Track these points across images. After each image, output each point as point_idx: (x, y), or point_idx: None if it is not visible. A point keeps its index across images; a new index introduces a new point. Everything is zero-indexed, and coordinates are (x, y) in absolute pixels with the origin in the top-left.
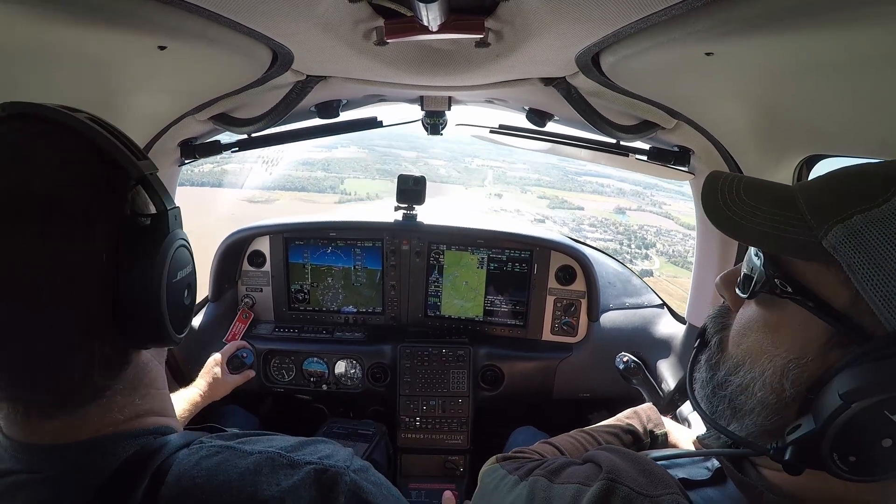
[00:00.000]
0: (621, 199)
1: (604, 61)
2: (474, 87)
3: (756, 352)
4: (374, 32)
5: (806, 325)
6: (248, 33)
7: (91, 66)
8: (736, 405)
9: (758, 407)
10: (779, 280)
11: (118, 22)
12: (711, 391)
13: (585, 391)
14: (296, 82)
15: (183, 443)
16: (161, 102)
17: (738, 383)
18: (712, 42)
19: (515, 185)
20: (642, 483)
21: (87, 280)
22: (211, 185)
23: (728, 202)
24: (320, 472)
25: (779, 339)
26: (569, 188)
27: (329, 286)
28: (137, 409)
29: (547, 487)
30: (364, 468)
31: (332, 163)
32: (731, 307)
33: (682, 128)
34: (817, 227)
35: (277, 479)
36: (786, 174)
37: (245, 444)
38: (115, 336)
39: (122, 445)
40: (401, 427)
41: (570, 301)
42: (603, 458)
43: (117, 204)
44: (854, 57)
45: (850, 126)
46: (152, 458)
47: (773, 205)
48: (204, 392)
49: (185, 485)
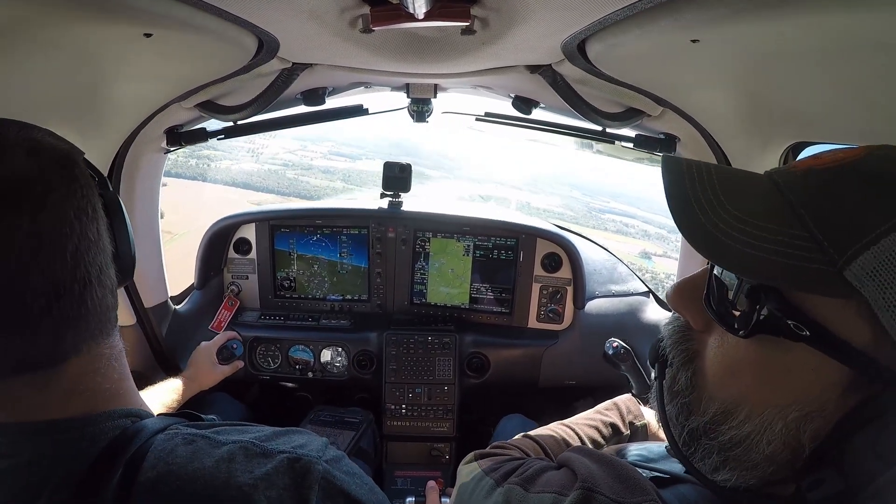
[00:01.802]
0: (646, 241)
1: (590, 49)
2: (460, 75)
3: (755, 400)
4: (360, 20)
5: (821, 370)
6: (233, 21)
7: (76, 54)
8: (731, 457)
9: (764, 462)
10: (792, 322)
11: (103, 9)
12: (689, 436)
13: (571, 379)
14: (282, 70)
15: (159, 427)
16: (147, 90)
17: (734, 435)
18: (698, 29)
19: (539, 216)
20: (618, 490)
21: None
22: (224, 183)
23: (707, 210)
24: (293, 461)
25: (786, 385)
26: (592, 225)
27: (315, 273)
28: (115, 381)
29: (522, 497)
30: (337, 458)
31: (353, 174)
32: (696, 327)
33: (668, 115)
34: (837, 253)
35: (251, 468)
36: (772, 161)
37: (219, 433)
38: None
39: (101, 427)
40: (386, 415)
41: (556, 288)
42: (578, 464)
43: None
44: (839, 43)
45: (835, 113)
46: (130, 443)
47: (771, 219)
48: (192, 381)
49: (160, 471)
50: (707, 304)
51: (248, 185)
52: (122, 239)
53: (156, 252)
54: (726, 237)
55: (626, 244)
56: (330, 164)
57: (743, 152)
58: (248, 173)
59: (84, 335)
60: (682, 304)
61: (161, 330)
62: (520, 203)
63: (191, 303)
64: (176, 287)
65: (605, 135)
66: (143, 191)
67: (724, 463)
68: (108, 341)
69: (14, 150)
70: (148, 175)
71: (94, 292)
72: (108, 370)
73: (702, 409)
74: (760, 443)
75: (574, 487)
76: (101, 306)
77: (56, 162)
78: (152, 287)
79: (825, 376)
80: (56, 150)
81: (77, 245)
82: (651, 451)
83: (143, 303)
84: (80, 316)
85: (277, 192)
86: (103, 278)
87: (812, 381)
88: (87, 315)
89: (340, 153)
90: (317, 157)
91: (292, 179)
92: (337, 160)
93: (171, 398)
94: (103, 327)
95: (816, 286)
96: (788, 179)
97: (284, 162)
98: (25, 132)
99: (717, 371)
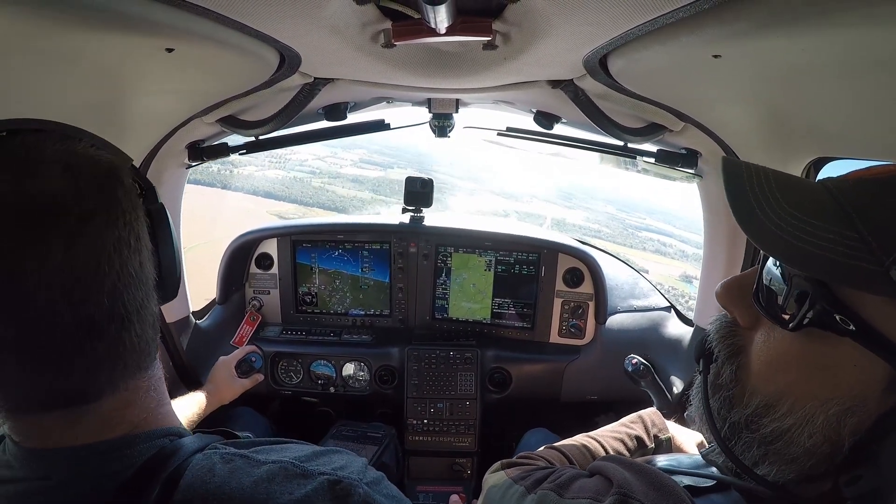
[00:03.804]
0: (685, 263)
1: (611, 64)
2: (482, 90)
3: (798, 393)
4: (382, 35)
5: (864, 366)
6: (255, 35)
7: (99, 69)
8: (771, 451)
9: (803, 456)
10: (839, 316)
11: (126, 24)
12: (730, 429)
13: (593, 394)
14: (303, 84)
15: (197, 447)
16: (168, 104)
17: (775, 428)
18: (720, 44)
19: (574, 233)
20: (653, 497)
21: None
22: (245, 191)
23: (763, 204)
24: (333, 483)
25: (831, 380)
26: (630, 244)
27: (336, 289)
28: (152, 409)
29: (557, 502)
30: (377, 480)
31: (384, 184)
32: (742, 324)
33: (690, 130)
34: (885, 254)
35: (290, 489)
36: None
37: (259, 453)
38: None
39: (139, 448)
40: (408, 429)
41: (578, 303)
42: (612, 471)
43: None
44: (861, 58)
45: (858, 128)
46: (168, 462)
47: (824, 218)
48: (213, 395)
49: (197, 490)
50: (756, 300)
51: (269, 195)
52: (168, 259)
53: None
54: (779, 229)
55: (665, 266)
56: (360, 173)
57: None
58: (271, 181)
59: (121, 373)
60: (731, 301)
61: (183, 345)
62: (555, 220)
63: (212, 318)
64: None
65: (626, 150)
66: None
67: (764, 456)
68: (147, 374)
69: (50, 167)
70: (170, 190)
71: (133, 329)
72: (146, 400)
73: (745, 402)
74: (801, 436)
75: (610, 493)
76: (140, 343)
77: (96, 180)
78: (174, 302)
79: (868, 373)
80: (99, 164)
81: (115, 282)
82: (681, 463)
83: (164, 318)
84: (118, 355)
85: (301, 203)
86: (144, 313)
87: (855, 376)
88: (125, 353)
89: (372, 161)
90: (346, 166)
91: (318, 188)
92: (368, 168)
93: (192, 412)
94: (141, 362)
95: (864, 283)
96: (840, 186)
97: (312, 169)
98: (65, 145)
99: (761, 365)
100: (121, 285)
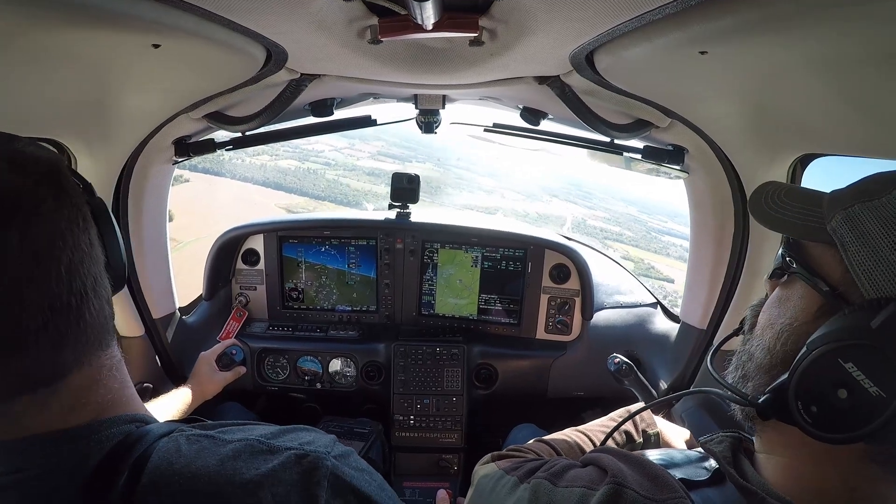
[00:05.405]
0: None
1: (598, 60)
2: (469, 86)
3: (766, 324)
4: (369, 31)
5: (804, 297)
6: (242, 31)
7: (85, 65)
8: (745, 372)
9: (754, 370)
10: (789, 258)
11: (112, 20)
12: (737, 365)
13: (579, 389)
14: (290, 80)
15: (163, 432)
16: (155, 101)
17: (749, 350)
18: (706, 41)
19: (596, 236)
20: (648, 487)
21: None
22: (263, 184)
23: (769, 202)
24: (300, 457)
25: (783, 309)
26: (653, 249)
27: (323, 284)
28: (116, 390)
29: (551, 490)
30: (346, 454)
31: None
32: (769, 292)
33: (677, 126)
34: (827, 215)
35: (256, 465)
36: (780, 173)
37: (224, 433)
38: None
39: (106, 433)
40: (395, 425)
41: (565, 299)
42: (606, 462)
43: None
44: (845, 55)
45: (842, 125)
46: (135, 447)
47: (803, 202)
48: (195, 391)
49: (164, 471)
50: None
51: (280, 186)
52: (113, 247)
53: (164, 263)
54: (771, 210)
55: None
56: (377, 166)
57: (751, 164)
58: (283, 171)
59: (84, 348)
60: (767, 283)
61: (169, 341)
62: (576, 220)
63: (199, 314)
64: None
65: (613, 146)
66: (151, 202)
67: (743, 379)
68: (108, 352)
69: None
70: (156, 186)
71: (91, 304)
72: (110, 380)
73: (749, 341)
74: (757, 353)
75: (604, 482)
76: (100, 317)
77: (42, 173)
78: (160, 298)
79: (807, 301)
80: (41, 160)
81: (71, 257)
82: (673, 458)
83: (151, 314)
84: (80, 330)
85: (312, 196)
86: (99, 289)
87: (798, 304)
88: (86, 328)
89: (390, 154)
90: (364, 158)
91: (331, 181)
92: (385, 161)
93: (177, 408)
94: (102, 339)
95: (809, 235)
96: (839, 189)
97: (328, 160)
98: (6, 144)
99: (760, 313)
100: (76, 260)
